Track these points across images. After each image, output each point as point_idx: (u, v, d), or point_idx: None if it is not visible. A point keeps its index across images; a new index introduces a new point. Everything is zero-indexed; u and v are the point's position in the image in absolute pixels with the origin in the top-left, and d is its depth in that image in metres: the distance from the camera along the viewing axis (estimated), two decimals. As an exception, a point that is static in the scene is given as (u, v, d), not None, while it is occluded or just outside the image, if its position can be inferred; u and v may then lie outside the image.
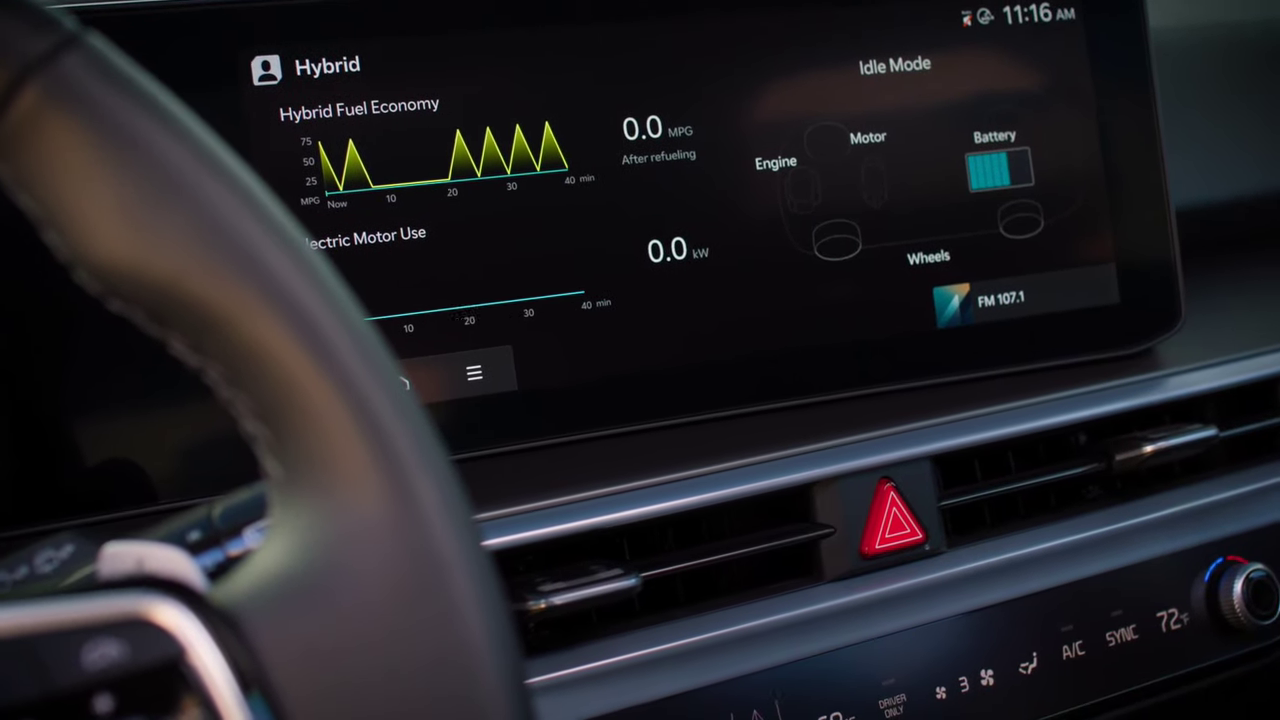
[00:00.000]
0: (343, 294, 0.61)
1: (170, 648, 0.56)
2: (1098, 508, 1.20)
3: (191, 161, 0.60)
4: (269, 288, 0.59)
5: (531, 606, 0.93)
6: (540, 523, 0.97)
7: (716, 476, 1.04)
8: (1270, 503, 1.27)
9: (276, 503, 0.62)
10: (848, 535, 1.07)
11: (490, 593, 0.60)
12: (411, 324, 1.03)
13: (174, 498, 0.97)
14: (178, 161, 0.59)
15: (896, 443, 1.10)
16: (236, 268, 0.59)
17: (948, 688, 1.09)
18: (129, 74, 0.60)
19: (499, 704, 0.59)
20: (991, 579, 1.12)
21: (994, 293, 1.20)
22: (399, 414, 0.60)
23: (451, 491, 0.60)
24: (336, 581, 0.59)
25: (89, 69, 0.59)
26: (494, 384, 1.05)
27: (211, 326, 0.60)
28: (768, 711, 1.02)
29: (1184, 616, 1.19)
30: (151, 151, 0.59)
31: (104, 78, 0.60)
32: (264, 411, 0.61)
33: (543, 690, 0.95)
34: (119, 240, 0.59)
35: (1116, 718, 1.18)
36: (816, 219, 1.15)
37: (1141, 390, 1.22)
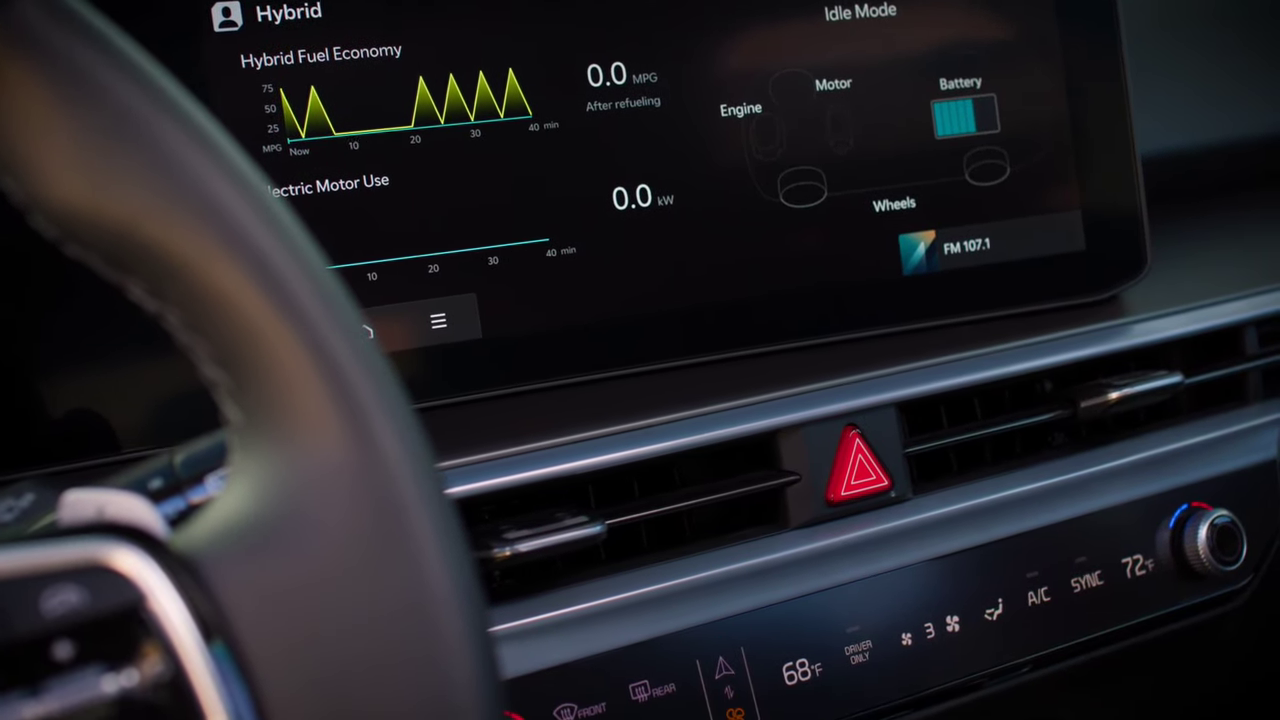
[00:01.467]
0: (302, 238, 0.61)
1: (130, 594, 0.56)
2: (1063, 454, 1.21)
3: (148, 105, 0.59)
4: (227, 231, 0.59)
5: (496, 554, 0.93)
6: (505, 470, 0.97)
7: (682, 424, 1.04)
8: (1235, 449, 1.27)
9: (237, 449, 0.62)
10: (813, 482, 1.07)
11: (452, 538, 0.60)
12: (375, 272, 1.02)
13: (137, 447, 0.97)
14: (135, 105, 0.59)
15: (862, 390, 1.10)
16: (195, 211, 0.59)
17: (913, 634, 1.09)
18: (87, 19, 0.60)
19: (461, 649, 0.59)
20: (957, 526, 1.12)
21: (960, 240, 1.20)
22: (359, 358, 0.60)
23: (412, 437, 0.60)
24: (297, 527, 0.59)
25: (46, 14, 0.59)
26: (458, 332, 1.04)
27: (170, 271, 0.59)
28: (733, 658, 1.02)
29: (1149, 562, 1.19)
30: (108, 96, 0.59)
31: (61, 23, 0.59)
32: (223, 357, 0.60)
33: (508, 638, 0.95)
34: (75, 184, 0.58)
35: (1082, 663, 1.18)
36: (782, 166, 1.15)
37: (1107, 337, 1.22)
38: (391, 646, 0.59)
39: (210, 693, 0.57)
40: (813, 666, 1.05)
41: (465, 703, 0.59)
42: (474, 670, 0.59)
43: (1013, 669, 1.14)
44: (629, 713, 0.98)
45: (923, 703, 1.10)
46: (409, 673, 0.59)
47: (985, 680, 1.13)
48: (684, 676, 1.00)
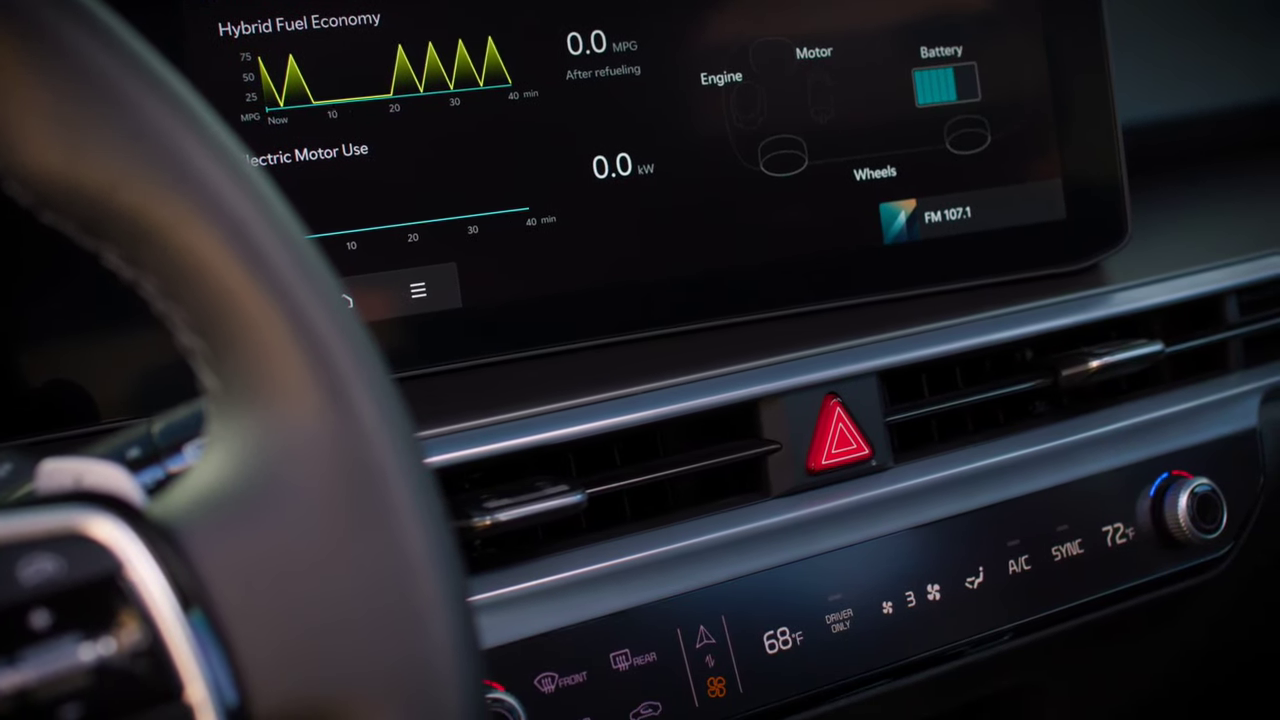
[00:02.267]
0: (279, 205, 0.61)
1: (107, 562, 0.56)
2: (1044, 423, 1.21)
3: (125, 72, 0.59)
4: (204, 198, 0.59)
5: (477, 523, 0.93)
6: (485, 440, 0.97)
7: (663, 393, 1.04)
8: (1216, 418, 1.27)
9: (214, 417, 0.61)
10: (794, 451, 1.07)
11: (431, 506, 0.60)
12: (354, 241, 1.02)
13: (116, 417, 0.96)
14: (112, 72, 0.58)
15: (843, 358, 1.10)
16: (171, 178, 0.59)
17: (894, 603, 1.09)
18: None
19: (440, 616, 0.59)
20: (938, 494, 1.12)
21: (940, 209, 1.20)
22: (336, 325, 0.59)
23: (391, 404, 0.60)
24: (275, 495, 0.59)
25: (20, -19, 0.59)
26: (438, 301, 1.04)
27: (146, 237, 0.59)
28: (714, 627, 1.02)
29: (1129, 531, 1.20)
30: (85, 62, 0.58)
31: (36, -11, 0.59)
32: (200, 323, 0.60)
33: (488, 607, 0.95)
34: (51, 151, 0.58)
35: (1062, 632, 1.18)
36: (762, 135, 1.14)
37: (1088, 306, 1.22)
38: (369, 614, 0.59)
39: (188, 661, 0.56)
40: (794, 635, 1.05)
41: (444, 670, 0.59)
42: (452, 637, 0.59)
43: (994, 637, 1.14)
44: (610, 681, 0.98)
45: (904, 671, 1.10)
46: (387, 640, 0.59)
47: (966, 648, 1.13)
48: (665, 645, 1.00)
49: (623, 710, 0.99)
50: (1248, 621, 1.47)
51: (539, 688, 0.96)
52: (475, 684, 0.60)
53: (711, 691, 1.02)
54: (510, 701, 0.93)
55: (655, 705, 1.00)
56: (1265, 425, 1.30)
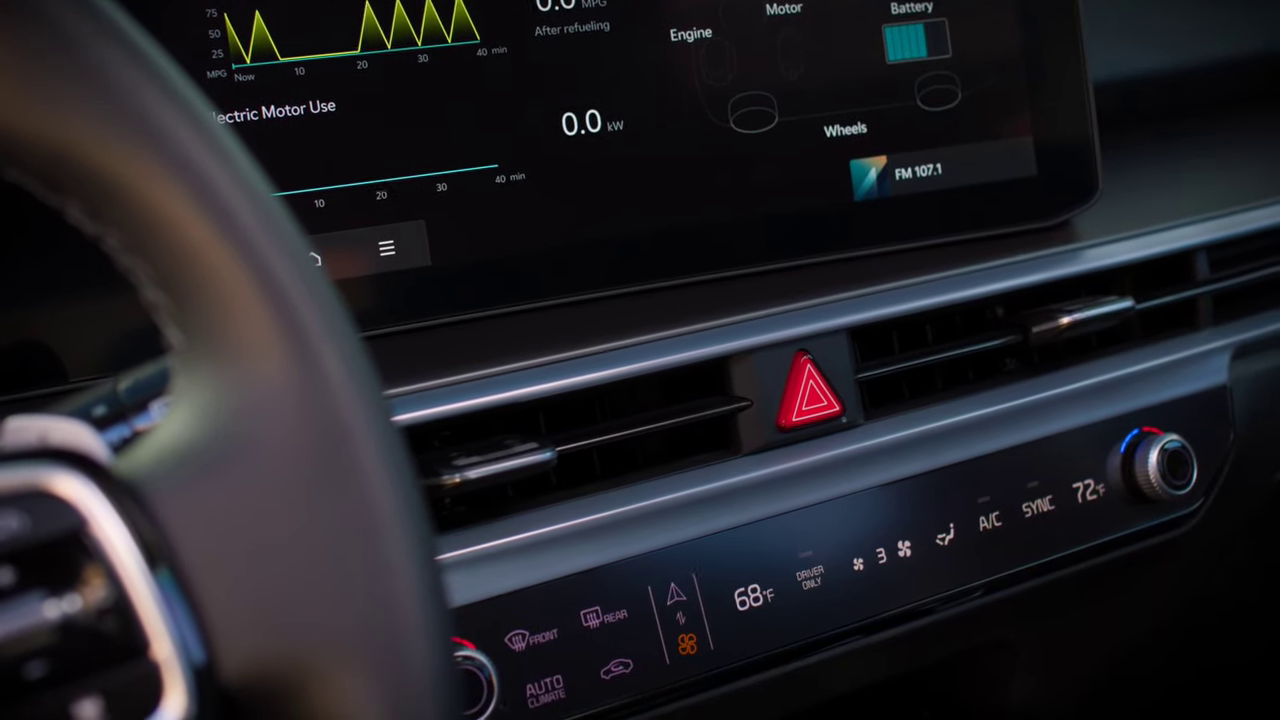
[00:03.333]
0: (243, 159, 0.60)
1: (71, 519, 0.56)
2: (1014, 380, 1.21)
3: (89, 28, 0.58)
4: (168, 152, 0.59)
5: (446, 480, 0.92)
6: (454, 397, 0.96)
7: (633, 350, 1.03)
8: (1186, 374, 1.28)
9: (179, 373, 0.61)
10: (764, 408, 1.07)
11: (398, 461, 0.60)
12: (322, 199, 1.02)
13: (84, 377, 0.96)
14: (75, 29, 0.58)
15: (813, 315, 1.10)
16: (136, 134, 0.58)
17: (865, 559, 1.09)
18: None
19: (407, 573, 0.59)
20: (908, 451, 1.12)
21: (911, 165, 1.20)
22: (302, 280, 0.59)
23: (357, 358, 0.60)
24: (240, 451, 0.58)
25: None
26: (407, 259, 1.04)
27: (110, 193, 0.59)
28: (685, 585, 1.02)
29: (1100, 487, 1.20)
30: (46, 18, 0.58)
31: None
32: (164, 279, 0.60)
33: (458, 565, 0.95)
34: (13, 106, 0.58)
35: (1033, 588, 1.19)
36: (732, 91, 1.14)
37: (1058, 262, 1.22)
38: (336, 570, 0.58)
39: (154, 618, 0.56)
40: (764, 592, 1.05)
41: (412, 626, 0.59)
42: (420, 594, 0.59)
43: (964, 593, 1.14)
44: (581, 638, 0.98)
45: (874, 627, 1.10)
46: (354, 597, 0.58)
47: (937, 605, 1.13)
48: (636, 602, 1.00)
49: (594, 667, 0.99)
50: (1217, 577, 1.47)
51: (510, 645, 0.96)
52: (443, 641, 0.60)
53: (683, 648, 1.02)
54: (481, 659, 0.93)
55: (626, 663, 1.00)
56: (1235, 382, 1.30)
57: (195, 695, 0.57)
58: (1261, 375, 1.34)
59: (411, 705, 0.58)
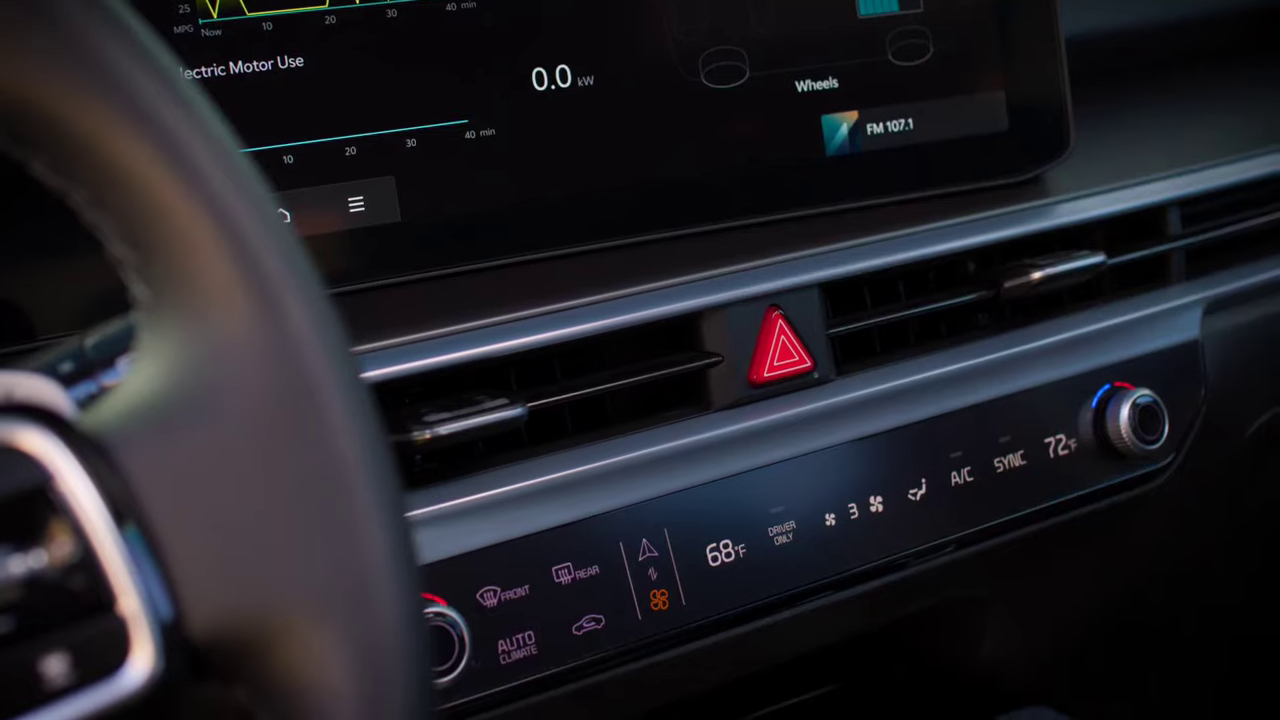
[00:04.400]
0: (209, 113, 0.60)
1: (37, 474, 0.56)
2: (986, 335, 1.21)
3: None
4: (134, 109, 0.58)
5: (416, 437, 0.92)
6: (425, 354, 0.96)
7: (603, 306, 1.03)
8: (1157, 329, 1.28)
9: (145, 328, 0.61)
10: (736, 364, 1.07)
11: (365, 415, 0.59)
12: (291, 155, 1.01)
13: (53, 334, 0.95)
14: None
15: (784, 271, 1.09)
16: (102, 88, 0.58)
17: (837, 515, 1.09)
18: None
19: (374, 527, 0.59)
20: (880, 406, 1.12)
21: (883, 120, 1.20)
22: (267, 233, 0.59)
23: (323, 311, 0.59)
24: (206, 404, 0.58)
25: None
26: (376, 215, 1.03)
27: (75, 148, 0.59)
28: (657, 540, 1.02)
29: (1071, 442, 1.20)
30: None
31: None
32: (129, 234, 0.59)
33: (430, 522, 0.95)
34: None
35: (1005, 543, 1.19)
36: (703, 46, 1.13)
37: (1030, 217, 1.22)
38: (304, 524, 0.58)
39: (120, 573, 0.56)
40: (736, 548, 1.05)
41: (380, 580, 0.59)
42: (387, 547, 0.59)
43: (936, 548, 1.14)
44: (552, 595, 0.98)
45: (846, 583, 1.10)
46: (321, 551, 0.58)
47: (909, 560, 1.13)
48: (607, 559, 1.00)
49: (566, 623, 0.99)
50: (1189, 532, 1.48)
51: (481, 602, 0.96)
52: (412, 595, 0.60)
53: (654, 604, 1.02)
54: (452, 616, 0.93)
55: (598, 618, 1.00)
56: (1207, 337, 1.30)
57: (163, 651, 0.56)
58: (1232, 330, 1.35)
59: (380, 659, 0.58)
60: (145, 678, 0.56)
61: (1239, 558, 1.66)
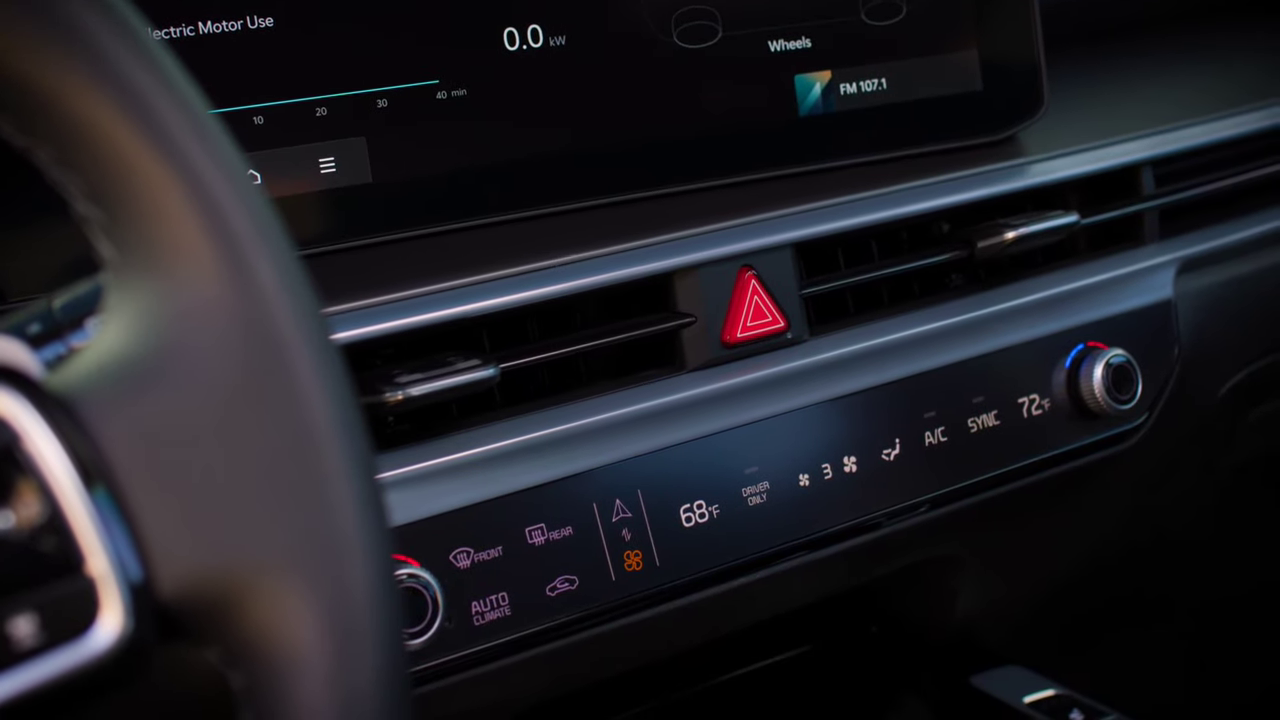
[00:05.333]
0: (175, 72, 0.60)
1: (4, 435, 0.55)
2: (960, 295, 1.21)
3: None
4: (100, 64, 0.58)
5: (389, 398, 0.92)
6: (396, 314, 0.96)
7: (576, 266, 1.03)
8: (1131, 289, 1.28)
9: (113, 288, 0.60)
10: (709, 324, 1.06)
11: (333, 373, 0.59)
12: (261, 115, 1.00)
13: (22, 297, 0.95)
14: None
15: (757, 231, 1.09)
16: (66, 44, 0.58)
17: (811, 475, 1.09)
18: None
19: (343, 486, 0.58)
20: (854, 367, 1.12)
21: (856, 80, 1.19)
22: (234, 190, 0.58)
23: (291, 269, 0.59)
24: (174, 364, 0.58)
25: None
26: (347, 176, 1.03)
27: (40, 105, 0.58)
28: (630, 501, 1.02)
29: (1045, 402, 1.20)
30: None
31: None
32: (96, 192, 0.59)
33: (403, 483, 0.95)
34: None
35: (978, 503, 1.19)
36: (676, 5, 1.13)
37: (1003, 177, 1.22)
38: (272, 484, 0.58)
39: (89, 533, 0.56)
40: (710, 508, 1.05)
41: (349, 540, 0.59)
42: (357, 506, 0.59)
43: (910, 509, 1.14)
44: (526, 556, 0.98)
45: (820, 543, 1.10)
46: (291, 510, 0.58)
47: (882, 520, 1.13)
48: (581, 519, 1.00)
49: (539, 584, 0.99)
50: (1162, 492, 1.48)
51: (454, 563, 0.95)
52: (382, 555, 0.59)
53: (628, 565, 1.02)
54: (426, 577, 0.93)
55: (572, 579, 1.00)
56: (1180, 297, 1.30)
57: (132, 611, 0.56)
58: (1206, 290, 1.35)
59: (350, 619, 0.58)
60: (114, 638, 0.56)
61: (1211, 517, 1.67)
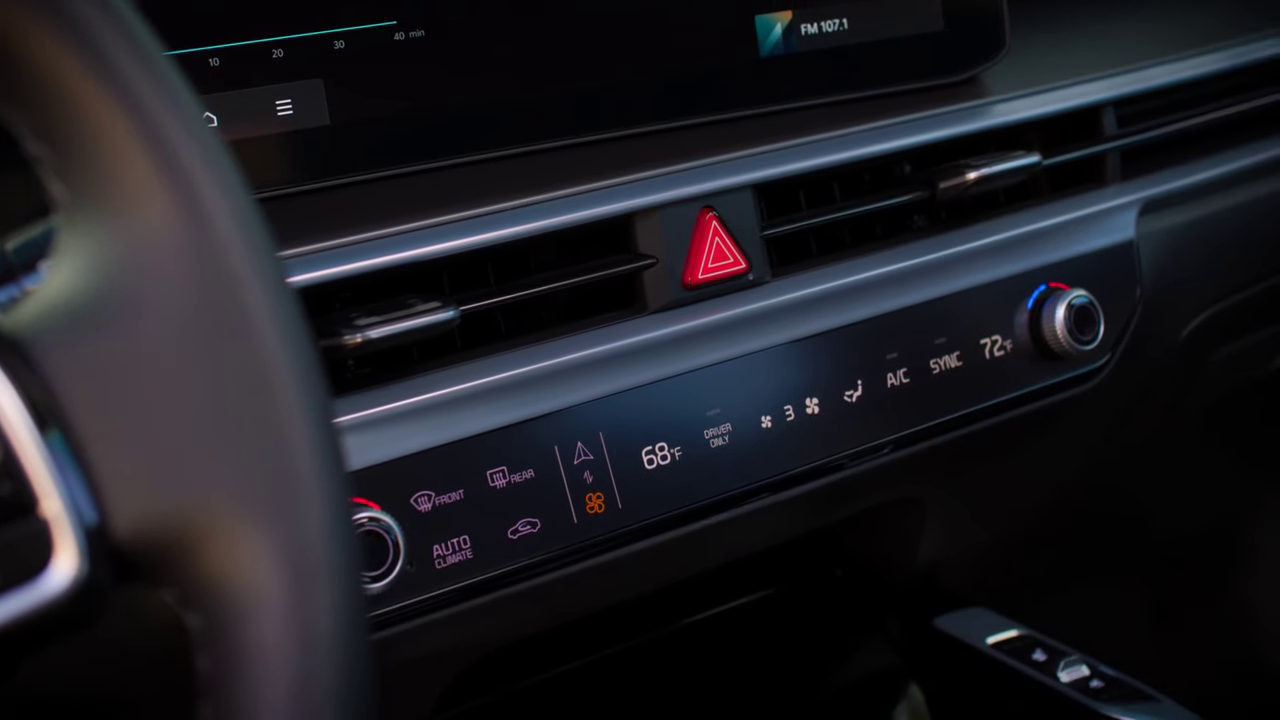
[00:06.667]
0: (124, 9, 0.59)
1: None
2: (922, 237, 1.20)
3: None
4: (46, 2, 0.57)
5: (347, 340, 0.91)
6: (354, 257, 0.95)
7: (535, 208, 1.02)
8: (1093, 230, 1.28)
9: (64, 229, 0.60)
10: (670, 266, 1.06)
11: (288, 313, 0.59)
12: (217, 58, 0.99)
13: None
14: None
15: (718, 172, 1.09)
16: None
17: (773, 417, 1.09)
18: None
19: (299, 426, 0.58)
20: (816, 308, 1.12)
21: (817, 20, 1.18)
22: (185, 127, 0.58)
23: (244, 206, 0.59)
24: (126, 303, 0.57)
25: None
26: (305, 119, 1.01)
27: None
28: (592, 443, 1.02)
29: (1007, 343, 1.20)
30: None
31: None
32: (45, 131, 0.59)
33: (363, 426, 0.94)
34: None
35: (941, 444, 1.19)
36: (635, -55, 1.12)
37: (965, 118, 1.22)
38: (228, 425, 0.58)
39: (43, 476, 0.55)
40: (672, 450, 1.05)
41: (306, 481, 0.58)
42: (313, 448, 0.58)
43: (873, 450, 1.14)
44: (487, 499, 0.98)
45: (783, 485, 1.10)
46: (246, 452, 0.58)
47: (845, 462, 1.13)
48: (542, 462, 1.00)
49: (501, 527, 0.98)
50: (1125, 433, 1.49)
51: (415, 506, 0.95)
52: (338, 494, 0.59)
53: (590, 508, 1.01)
54: (386, 520, 0.92)
55: (534, 522, 0.99)
56: (1142, 237, 1.30)
57: (86, 553, 0.56)
58: (1168, 231, 1.35)
59: (307, 559, 0.58)
60: (69, 581, 0.56)
61: (1173, 459, 1.67)
